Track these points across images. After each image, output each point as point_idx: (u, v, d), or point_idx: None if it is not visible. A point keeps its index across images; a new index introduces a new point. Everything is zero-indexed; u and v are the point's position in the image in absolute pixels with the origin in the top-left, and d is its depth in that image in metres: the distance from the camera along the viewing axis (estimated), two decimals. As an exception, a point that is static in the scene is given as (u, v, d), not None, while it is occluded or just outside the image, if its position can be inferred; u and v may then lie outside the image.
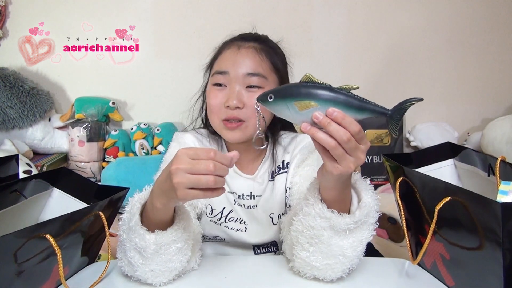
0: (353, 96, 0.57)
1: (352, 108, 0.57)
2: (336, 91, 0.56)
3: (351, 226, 0.65)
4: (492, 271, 0.60)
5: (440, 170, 0.88)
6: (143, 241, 0.65)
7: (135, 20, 1.74)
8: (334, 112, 0.55)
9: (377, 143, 1.82)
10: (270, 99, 0.58)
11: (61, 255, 0.60)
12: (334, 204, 0.66)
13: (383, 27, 1.79)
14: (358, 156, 0.58)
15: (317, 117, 0.56)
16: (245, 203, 0.93)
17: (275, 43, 0.97)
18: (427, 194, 0.70)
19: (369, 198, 0.66)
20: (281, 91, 0.58)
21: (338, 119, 0.55)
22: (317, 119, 0.56)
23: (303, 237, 0.69)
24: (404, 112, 0.59)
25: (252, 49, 0.89)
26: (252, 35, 0.95)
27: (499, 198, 0.67)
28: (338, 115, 0.55)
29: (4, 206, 0.75)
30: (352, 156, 0.57)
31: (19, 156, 0.97)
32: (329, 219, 0.65)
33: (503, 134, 1.52)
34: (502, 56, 1.83)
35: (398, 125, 0.59)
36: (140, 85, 1.79)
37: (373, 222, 0.68)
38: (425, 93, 1.85)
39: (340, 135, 0.55)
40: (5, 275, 0.57)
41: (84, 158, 1.66)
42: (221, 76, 0.87)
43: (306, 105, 0.56)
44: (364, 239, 0.68)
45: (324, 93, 0.56)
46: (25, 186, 0.79)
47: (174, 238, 0.66)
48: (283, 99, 0.58)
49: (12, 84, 1.55)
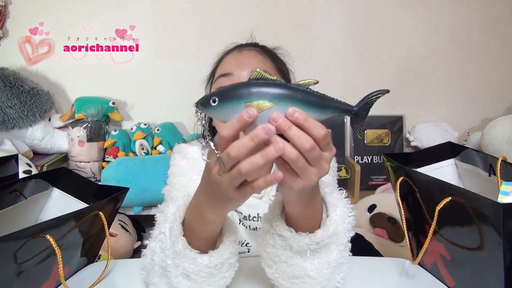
0: (312, 93, 0.48)
1: (312, 107, 0.48)
2: (293, 87, 0.48)
3: (312, 247, 0.57)
4: (493, 271, 0.59)
5: (441, 170, 0.88)
6: (195, 265, 0.57)
7: (135, 20, 1.74)
8: (295, 112, 0.46)
9: (377, 143, 1.82)
10: (214, 102, 0.48)
11: (61, 255, 0.60)
12: (300, 220, 0.58)
13: (383, 27, 1.79)
14: (322, 166, 0.49)
15: (275, 119, 0.46)
16: (251, 225, 0.86)
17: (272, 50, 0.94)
18: (428, 194, 0.70)
19: (337, 216, 0.58)
20: (226, 91, 0.48)
21: (300, 120, 0.46)
22: (275, 122, 0.46)
23: (265, 253, 0.62)
24: (370, 107, 0.51)
25: (254, 51, 0.87)
26: (251, 43, 0.94)
27: (500, 198, 0.67)
28: (299, 116, 0.46)
29: (4, 206, 0.75)
30: (314, 167, 0.48)
31: (18, 156, 0.97)
32: (287, 238, 0.57)
33: (503, 134, 1.52)
34: (502, 56, 1.83)
35: (363, 124, 0.52)
36: (140, 85, 1.79)
37: (344, 242, 0.60)
38: (425, 93, 1.85)
39: (301, 142, 0.46)
40: (5, 275, 0.57)
41: (84, 158, 1.66)
42: (225, 78, 0.83)
43: (259, 106, 0.46)
44: (332, 261, 0.59)
45: (280, 91, 0.47)
46: (25, 186, 0.79)
47: (228, 255, 0.59)
48: (229, 101, 0.47)
49: (12, 84, 1.55)
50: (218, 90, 0.49)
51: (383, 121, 1.83)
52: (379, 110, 1.84)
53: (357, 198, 1.64)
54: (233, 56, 0.86)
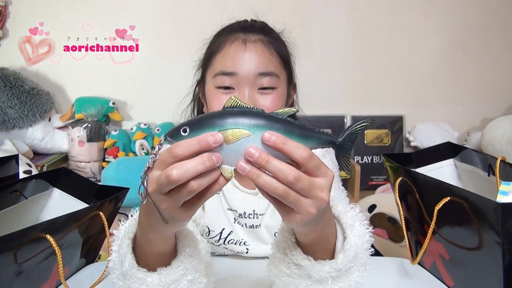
0: (293, 123, 0.44)
1: (293, 138, 0.44)
2: (272, 116, 0.44)
3: (334, 274, 0.52)
4: (492, 271, 0.60)
5: (440, 170, 0.88)
6: (145, 286, 0.50)
7: (135, 20, 1.74)
8: (272, 136, 0.41)
9: (377, 143, 1.82)
10: (184, 132, 0.43)
11: (61, 255, 0.60)
12: (314, 246, 0.52)
13: (383, 27, 1.79)
14: (317, 196, 0.43)
15: (251, 154, 0.41)
16: (247, 222, 0.82)
17: (277, 34, 0.87)
18: (427, 194, 0.70)
19: (355, 236, 0.53)
20: (199, 121, 0.43)
21: (278, 144, 0.41)
22: (252, 157, 0.41)
23: (279, 281, 0.56)
24: (355, 137, 0.48)
25: (260, 43, 0.78)
26: (255, 24, 0.84)
27: (499, 198, 0.67)
28: (277, 140, 0.41)
29: (4, 206, 0.75)
30: (309, 197, 0.43)
31: (19, 156, 0.97)
32: (305, 268, 0.52)
33: (503, 134, 1.52)
34: (502, 56, 1.83)
35: (349, 156, 0.49)
36: (140, 85, 1.79)
37: (363, 262, 0.55)
38: (425, 93, 1.85)
39: (284, 175, 0.41)
40: (5, 275, 0.57)
41: (84, 158, 1.66)
42: (227, 77, 0.76)
43: (234, 134, 0.42)
44: (353, 283, 0.54)
45: (257, 120, 0.43)
46: (25, 186, 0.79)
47: (182, 272, 0.52)
48: (202, 130, 0.42)
49: (12, 84, 1.55)
50: (189, 120, 0.45)
51: (383, 121, 1.83)
52: (379, 110, 1.84)
53: (357, 198, 1.64)
54: (237, 50, 0.77)
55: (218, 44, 0.82)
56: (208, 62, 0.83)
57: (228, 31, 0.83)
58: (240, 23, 0.85)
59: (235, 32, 0.81)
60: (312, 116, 1.72)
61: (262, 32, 0.81)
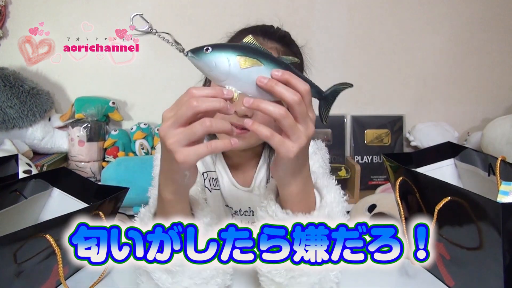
0: (294, 70, 0.51)
1: None
2: (279, 59, 0.50)
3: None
4: (492, 271, 0.60)
5: (441, 169, 0.88)
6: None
7: (135, 20, 1.73)
8: (279, 72, 0.48)
9: (377, 143, 1.82)
10: (207, 51, 0.49)
11: (61, 255, 0.60)
12: (295, 204, 0.57)
13: (383, 27, 1.79)
14: (308, 124, 0.50)
15: (261, 80, 0.48)
16: (243, 219, 0.84)
17: (298, 48, 0.89)
18: (427, 194, 0.70)
19: (331, 197, 0.58)
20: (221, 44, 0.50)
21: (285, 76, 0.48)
22: (262, 83, 0.48)
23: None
24: (337, 94, 0.56)
25: (275, 51, 0.79)
26: (277, 32, 0.85)
27: (500, 198, 0.67)
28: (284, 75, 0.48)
29: (4, 206, 0.75)
30: (302, 124, 0.49)
31: (18, 156, 0.97)
32: (283, 220, 0.56)
33: (503, 134, 1.52)
34: (502, 56, 1.83)
35: (329, 109, 0.56)
36: (140, 85, 1.79)
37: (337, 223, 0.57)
38: (425, 93, 1.85)
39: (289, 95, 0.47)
40: (5, 275, 0.57)
41: (84, 158, 1.66)
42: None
43: (250, 62, 0.48)
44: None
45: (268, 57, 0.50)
46: (25, 186, 0.79)
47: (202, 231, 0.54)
48: (223, 51, 0.48)
49: (12, 84, 1.55)
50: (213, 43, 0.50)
51: (383, 121, 1.82)
52: (379, 110, 1.83)
53: (357, 198, 1.64)
54: None
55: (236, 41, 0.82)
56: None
57: (250, 31, 0.82)
58: (264, 27, 0.85)
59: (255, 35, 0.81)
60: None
61: (281, 41, 0.82)
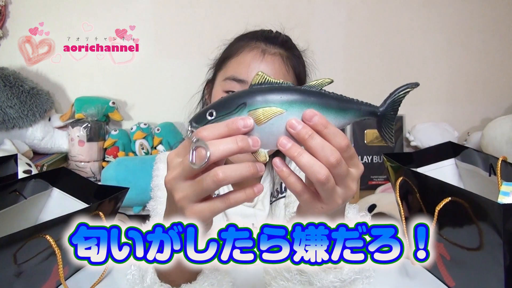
0: (328, 94, 0.41)
1: (330, 111, 0.40)
2: (305, 90, 0.40)
3: (337, 285, 0.49)
4: (493, 271, 0.59)
5: (441, 169, 0.88)
6: None
7: (135, 20, 1.73)
8: (315, 116, 0.38)
9: (377, 143, 1.82)
10: (211, 116, 0.40)
11: (61, 256, 0.60)
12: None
13: (383, 27, 1.79)
14: (349, 185, 0.41)
15: (294, 125, 0.38)
16: None
17: (299, 52, 0.85)
18: (427, 195, 0.70)
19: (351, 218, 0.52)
20: (225, 102, 0.40)
21: (318, 126, 0.38)
22: (294, 129, 0.38)
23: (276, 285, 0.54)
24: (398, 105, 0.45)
25: (278, 56, 0.76)
26: (278, 37, 0.81)
27: (501, 199, 0.67)
28: (319, 121, 0.38)
29: (3, 206, 0.75)
30: (340, 186, 0.40)
31: (18, 155, 0.97)
32: (308, 274, 0.49)
33: (503, 134, 1.52)
34: (502, 56, 1.83)
35: (393, 127, 0.45)
36: (140, 85, 1.79)
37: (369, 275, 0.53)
38: (425, 93, 1.85)
39: (326, 155, 0.37)
40: (5, 276, 0.57)
41: (84, 158, 1.66)
42: (237, 84, 0.73)
43: (266, 113, 0.38)
44: None
45: (289, 95, 0.39)
46: (25, 186, 0.79)
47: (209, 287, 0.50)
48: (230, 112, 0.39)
49: (12, 84, 1.55)
50: (214, 102, 0.41)
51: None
52: (379, 110, 1.83)
53: (357, 198, 1.63)
54: (254, 58, 0.74)
55: (236, 48, 0.79)
56: (222, 63, 0.80)
57: (250, 37, 0.79)
58: (264, 32, 0.82)
59: (256, 40, 0.78)
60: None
61: (283, 46, 0.79)
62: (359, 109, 0.42)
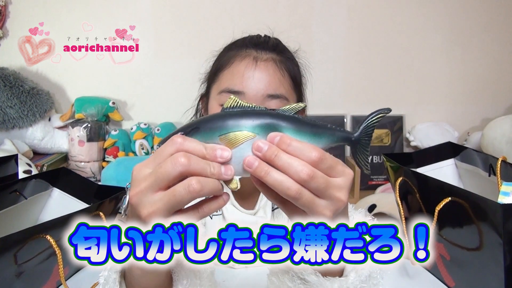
0: (302, 120, 0.40)
1: (304, 136, 0.40)
2: (278, 114, 0.40)
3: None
4: (493, 272, 0.59)
5: (441, 170, 0.88)
6: None
7: (135, 20, 1.74)
8: (276, 136, 0.37)
9: (377, 143, 1.82)
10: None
11: (61, 256, 0.60)
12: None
13: (383, 27, 1.79)
14: (334, 196, 0.39)
15: (259, 148, 0.37)
16: None
17: (291, 54, 0.82)
18: (427, 195, 0.70)
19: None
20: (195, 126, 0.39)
21: (282, 145, 0.37)
22: (260, 151, 0.37)
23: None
24: (372, 130, 0.44)
25: (271, 62, 0.73)
26: (268, 42, 0.78)
27: (500, 199, 0.67)
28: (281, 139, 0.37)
29: (3, 206, 0.75)
30: (324, 198, 0.39)
31: (18, 156, 0.97)
32: (312, 283, 0.47)
33: (503, 134, 1.52)
34: (502, 56, 1.83)
35: (368, 153, 0.44)
36: (140, 85, 1.79)
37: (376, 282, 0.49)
38: (425, 93, 1.85)
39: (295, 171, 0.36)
40: (5, 276, 0.57)
41: (84, 158, 1.66)
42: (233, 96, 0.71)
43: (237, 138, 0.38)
44: None
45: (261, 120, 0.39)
46: (25, 186, 0.79)
47: None
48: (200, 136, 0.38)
49: (12, 84, 1.55)
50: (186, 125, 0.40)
51: (383, 121, 1.81)
52: (379, 110, 1.83)
53: (357, 198, 1.63)
54: (246, 67, 0.71)
55: (227, 59, 0.76)
56: (215, 76, 0.77)
57: (239, 46, 0.77)
58: (253, 39, 0.79)
59: (246, 48, 0.75)
60: (311, 116, 1.71)
61: (275, 50, 0.76)
62: (333, 134, 0.42)
